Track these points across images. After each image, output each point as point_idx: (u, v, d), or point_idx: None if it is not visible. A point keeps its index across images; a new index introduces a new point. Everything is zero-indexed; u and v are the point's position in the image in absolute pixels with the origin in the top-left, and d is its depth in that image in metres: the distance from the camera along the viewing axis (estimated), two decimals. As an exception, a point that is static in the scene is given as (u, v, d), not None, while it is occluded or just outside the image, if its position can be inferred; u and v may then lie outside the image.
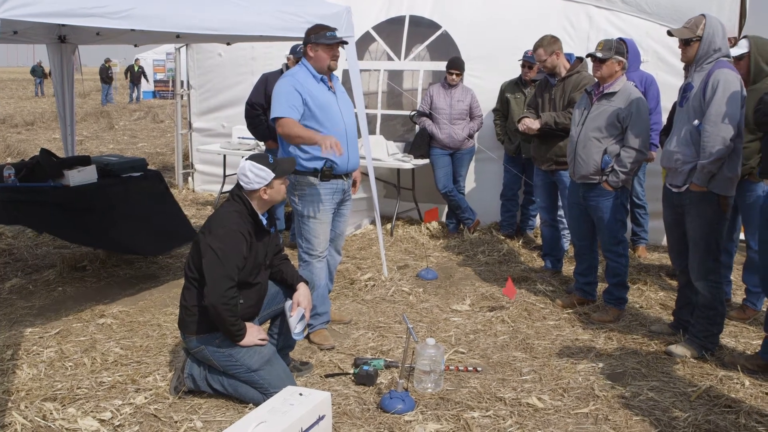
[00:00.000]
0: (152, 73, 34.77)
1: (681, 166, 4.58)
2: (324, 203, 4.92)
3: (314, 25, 4.94)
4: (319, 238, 4.97)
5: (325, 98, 4.87)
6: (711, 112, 4.38)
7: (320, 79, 4.88)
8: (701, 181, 4.47)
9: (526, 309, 5.69)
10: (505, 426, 3.88)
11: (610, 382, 4.41)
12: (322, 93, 4.87)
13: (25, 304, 5.70)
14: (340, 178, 4.98)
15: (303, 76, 4.84)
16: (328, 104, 4.87)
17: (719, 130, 4.35)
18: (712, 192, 4.51)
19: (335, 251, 5.29)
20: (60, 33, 7.29)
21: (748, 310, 5.48)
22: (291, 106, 4.73)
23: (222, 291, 3.80)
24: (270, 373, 4.00)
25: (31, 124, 20.76)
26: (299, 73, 4.87)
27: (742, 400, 4.14)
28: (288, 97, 4.75)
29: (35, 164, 6.01)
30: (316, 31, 4.85)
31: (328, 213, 4.98)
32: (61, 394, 4.15)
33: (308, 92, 4.78)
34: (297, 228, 5.03)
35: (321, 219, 4.95)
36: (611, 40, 5.30)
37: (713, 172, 4.44)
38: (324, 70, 4.88)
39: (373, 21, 8.60)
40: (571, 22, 7.68)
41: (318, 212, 4.92)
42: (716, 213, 4.57)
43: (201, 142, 10.05)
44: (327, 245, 5.05)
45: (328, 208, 4.96)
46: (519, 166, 7.56)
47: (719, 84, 4.37)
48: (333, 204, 5.00)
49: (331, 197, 4.95)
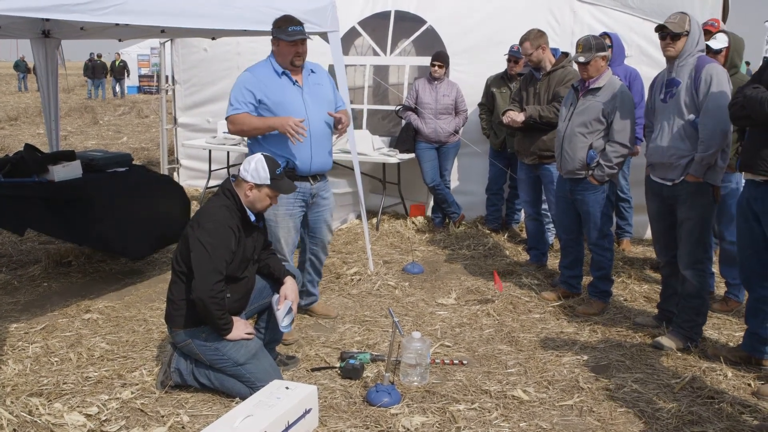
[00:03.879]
0: (137, 68, 34.55)
1: (677, 160, 4.62)
2: (284, 207, 4.75)
3: (279, 17, 4.74)
4: (280, 243, 4.83)
5: (284, 93, 4.71)
6: (709, 106, 4.44)
7: (282, 74, 4.74)
8: (699, 172, 4.54)
9: (512, 302, 5.72)
10: (491, 418, 3.91)
11: (595, 375, 4.45)
12: (282, 88, 4.71)
13: (10, 299, 5.68)
14: (305, 180, 4.84)
15: (261, 71, 4.73)
16: (288, 99, 4.70)
17: (718, 123, 4.42)
18: (706, 183, 4.59)
19: (322, 251, 5.22)
20: (44, 28, 7.25)
21: (731, 302, 5.54)
22: (242, 103, 4.63)
23: (210, 285, 3.80)
24: (256, 367, 4.00)
25: (15, 119, 20.58)
26: (258, 67, 4.77)
27: (725, 391, 4.19)
28: (237, 94, 4.65)
29: (19, 159, 5.97)
30: (278, 25, 4.68)
31: (287, 219, 4.82)
32: (47, 390, 4.14)
33: (263, 88, 4.65)
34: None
35: (281, 224, 4.81)
36: (589, 38, 5.28)
37: (711, 163, 4.51)
38: (286, 65, 4.73)
39: (358, 16, 8.59)
40: (556, 16, 7.71)
41: (278, 216, 4.77)
42: (710, 203, 4.67)
43: (186, 138, 10.02)
44: (292, 249, 4.92)
45: (287, 213, 4.80)
46: (504, 160, 7.58)
47: (712, 78, 4.44)
48: (295, 209, 4.84)
49: (293, 201, 4.80)
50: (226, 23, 5.15)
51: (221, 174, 9.34)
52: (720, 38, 5.42)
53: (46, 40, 7.50)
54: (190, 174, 10.34)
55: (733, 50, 5.39)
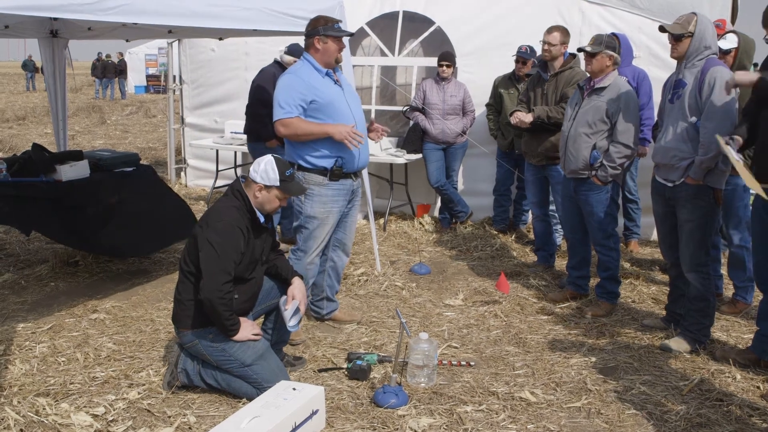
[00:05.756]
0: (144, 68, 34.59)
1: (678, 162, 4.60)
2: (330, 204, 4.78)
3: (318, 17, 4.74)
4: (316, 240, 4.83)
5: (332, 93, 4.71)
6: (710, 109, 4.42)
7: (325, 74, 4.72)
8: (698, 175, 4.51)
9: (519, 303, 5.71)
10: (498, 420, 3.89)
11: (603, 376, 4.43)
12: (329, 88, 4.71)
13: (17, 299, 5.69)
14: (349, 177, 4.85)
15: (306, 73, 4.66)
16: (335, 99, 4.71)
17: (719, 126, 4.38)
18: (707, 185, 4.56)
19: (343, 252, 5.20)
20: (52, 28, 7.26)
21: (739, 303, 5.51)
22: (293, 106, 4.57)
23: (218, 285, 3.80)
24: (263, 368, 4.00)
25: (23, 118, 20.66)
26: (302, 69, 4.69)
27: (734, 394, 4.17)
28: (287, 97, 4.58)
29: (27, 159, 5.98)
30: (323, 23, 4.66)
31: (333, 215, 4.84)
32: (54, 390, 4.14)
33: (313, 89, 4.61)
34: (297, 225, 4.89)
35: (324, 221, 4.81)
36: (602, 35, 5.32)
37: (711, 167, 4.48)
38: (331, 64, 4.72)
39: (366, 16, 8.58)
40: (564, 17, 7.69)
41: (323, 214, 4.78)
42: (711, 206, 4.63)
43: (193, 137, 10.03)
44: (321, 250, 4.92)
45: (334, 210, 4.82)
46: (512, 161, 7.56)
47: (716, 81, 4.42)
48: (339, 206, 4.86)
49: (340, 198, 4.83)
50: (234, 23, 5.14)
51: (228, 174, 9.35)
52: (729, 38, 5.39)
53: (53, 40, 7.51)
54: (197, 174, 10.36)
55: (742, 51, 5.35)
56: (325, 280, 5.19)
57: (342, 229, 5.09)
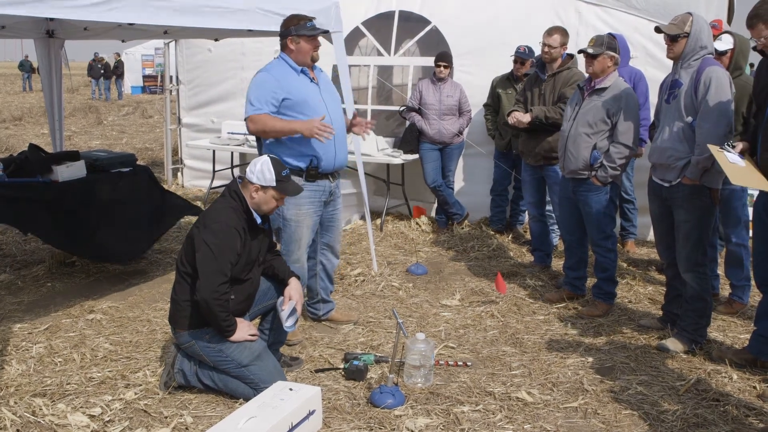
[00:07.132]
0: (141, 69, 34.55)
1: (674, 162, 4.61)
2: (306, 206, 4.74)
3: (290, 16, 4.71)
4: (298, 242, 4.80)
5: (306, 91, 4.68)
6: (706, 109, 4.42)
7: (300, 71, 4.70)
8: (694, 175, 4.51)
9: (516, 304, 5.71)
10: (495, 420, 3.90)
11: (599, 377, 4.43)
12: (304, 86, 4.69)
13: (13, 299, 5.68)
14: (326, 178, 4.82)
15: (279, 71, 4.65)
16: (310, 97, 4.68)
17: (714, 126, 4.38)
18: (703, 185, 4.56)
19: (332, 255, 5.18)
20: (48, 28, 7.25)
21: (735, 303, 5.52)
22: (263, 102, 4.54)
23: (214, 286, 3.80)
24: (260, 369, 4.00)
25: (19, 119, 20.62)
26: (275, 67, 4.68)
27: (731, 394, 4.18)
28: (258, 94, 4.56)
29: (23, 159, 5.97)
30: (295, 23, 4.64)
31: (310, 217, 4.79)
32: (51, 390, 4.14)
33: (285, 87, 4.59)
34: (276, 227, 4.84)
35: (300, 223, 4.76)
36: (602, 35, 5.32)
37: (707, 166, 4.48)
38: (306, 62, 4.70)
39: (362, 16, 8.57)
40: (561, 17, 7.69)
41: (297, 216, 4.74)
42: (707, 206, 4.63)
43: (190, 138, 10.03)
44: (305, 250, 4.88)
45: (309, 211, 4.78)
46: (509, 161, 7.57)
47: (711, 81, 4.41)
48: (317, 207, 4.82)
49: (317, 200, 4.79)
50: (230, 23, 5.13)
51: (225, 174, 9.34)
52: (725, 39, 5.40)
53: (50, 40, 7.51)
54: (194, 174, 10.35)
55: (738, 52, 5.37)
56: (318, 283, 5.18)
57: (328, 233, 5.07)
